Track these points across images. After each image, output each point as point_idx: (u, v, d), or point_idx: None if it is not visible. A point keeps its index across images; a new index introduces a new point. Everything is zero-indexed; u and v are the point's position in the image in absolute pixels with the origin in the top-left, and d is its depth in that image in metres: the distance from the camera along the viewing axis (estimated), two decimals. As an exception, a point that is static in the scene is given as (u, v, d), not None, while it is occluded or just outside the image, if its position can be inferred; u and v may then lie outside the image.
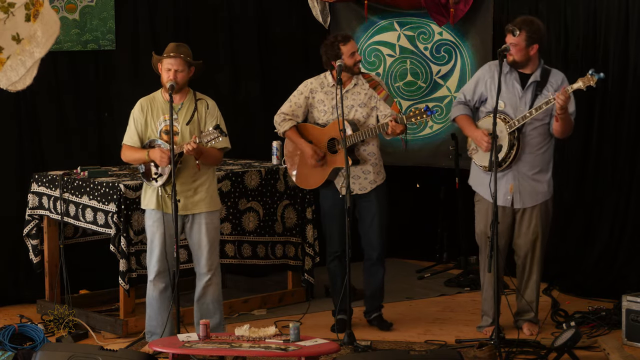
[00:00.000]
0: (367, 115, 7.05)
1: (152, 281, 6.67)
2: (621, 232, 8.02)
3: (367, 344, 6.68)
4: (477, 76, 7.03)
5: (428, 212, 9.46)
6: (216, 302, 6.72)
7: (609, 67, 7.98)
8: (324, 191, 7.18)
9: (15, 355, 6.41)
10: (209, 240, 6.62)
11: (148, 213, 6.67)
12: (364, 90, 7.08)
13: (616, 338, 6.69)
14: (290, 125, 7.13)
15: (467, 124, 6.96)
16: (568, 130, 6.76)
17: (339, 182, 7.02)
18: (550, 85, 6.80)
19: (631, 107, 7.92)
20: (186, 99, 6.63)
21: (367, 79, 7.13)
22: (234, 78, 9.16)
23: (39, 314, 7.63)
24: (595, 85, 6.48)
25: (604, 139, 8.09)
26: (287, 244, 7.98)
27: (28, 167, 8.08)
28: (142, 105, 6.66)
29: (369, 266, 7.19)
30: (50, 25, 6.27)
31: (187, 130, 6.55)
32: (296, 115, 7.16)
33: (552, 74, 6.86)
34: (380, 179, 7.15)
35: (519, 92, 6.80)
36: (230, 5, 9.15)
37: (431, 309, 7.84)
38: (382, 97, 7.04)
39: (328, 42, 7.09)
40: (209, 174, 6.66)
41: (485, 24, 8.54)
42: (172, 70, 6.50)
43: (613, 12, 7.99)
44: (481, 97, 6.94)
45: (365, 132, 6.90)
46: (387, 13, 9.05)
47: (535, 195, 6.90)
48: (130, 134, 6.66)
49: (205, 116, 6.59)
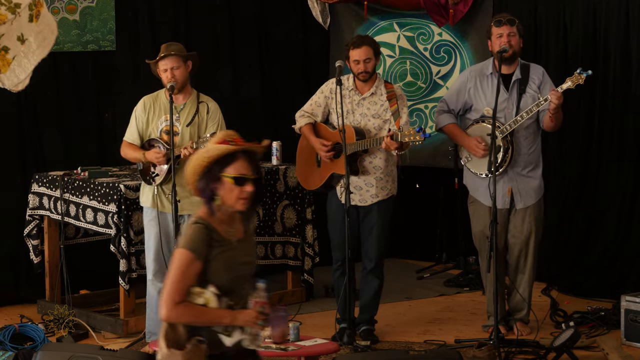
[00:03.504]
0: (379, 127, 6.81)
1: (152, 280, 6.70)
2: (620, 232, 8.03)
3: (367, 344, 6.69)
4: (458, 84, 7.01)
5: (427, 212, 9.47)
6: None
7: (609, 66, 7.99)
8: (329, 197, 7.03)
9: (15, 355, 6.42)
10: None
11: (145, 210, 6.73)
12: (381, 101, 6.86)
13: (615, 338, 6.70)
14: (306, 122, 6.94)
15: (457, 132, 6.93)
16: (559, 124, 6.79)
17: (340, 190, 6.86)
18: (532, 82, 6.79)
19: (633, 107, 7.93)
20: (189, 99, 6.66)
21: (388, 89, 6.89)
22: (234, 78, 9.17)
23: (40, 314, 7.64)
24: (583, 83, 6.51)
25: (604, 139, 8.10)
26: (286, 244, 8.00)
27: (28, 167, 8.09)
28: (144, 104, 6.69)
29: (365, 275, 7.00)
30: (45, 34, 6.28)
31: (187, 132, 6.58)
32: (315, 114, 6.96)
33: (532, 68, 6.85)
34: (385, 194, 6.90)
35: (504, 95, 6.78)
36: (230, 5, 9.16)
37: (430, 309, 7.85)
38: (392, 111, 6.81)
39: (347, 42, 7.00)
40: None
41: (485, 24, 8.49)
42: (168, 70, 6.52)
43: (613, 11, 7.99)
44: (465, 105, 6.92)
45: (362, 144, 6.70)
46: (387, 14, 9.06)
47: (533, 192, 6.91)
48: (131, 131, 6.70)
49: (206, 119, 6.62)
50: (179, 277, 4.01)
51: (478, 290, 8.20)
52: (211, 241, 4.04)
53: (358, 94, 6.87)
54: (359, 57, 6.78)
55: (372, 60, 6.80)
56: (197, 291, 4.03)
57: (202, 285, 4.04)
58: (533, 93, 6.74)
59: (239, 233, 4.17)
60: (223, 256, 4.07)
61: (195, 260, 4.01)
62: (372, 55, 6.81)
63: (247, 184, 4.06)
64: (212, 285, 4.04)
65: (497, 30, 6.76)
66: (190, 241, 4.04)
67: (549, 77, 6.84)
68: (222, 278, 4.06)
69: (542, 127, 6.85)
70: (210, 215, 4.09)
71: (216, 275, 4.06)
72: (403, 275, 8.98)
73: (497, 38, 6.77)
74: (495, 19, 6.85)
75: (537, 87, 6.75)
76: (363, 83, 6.86)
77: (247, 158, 4.09)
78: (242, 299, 4.10)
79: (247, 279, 4.16)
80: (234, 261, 4.10)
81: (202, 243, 4.03)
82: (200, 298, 4.03)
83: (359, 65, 6.80)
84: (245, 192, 4.06)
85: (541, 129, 6.88)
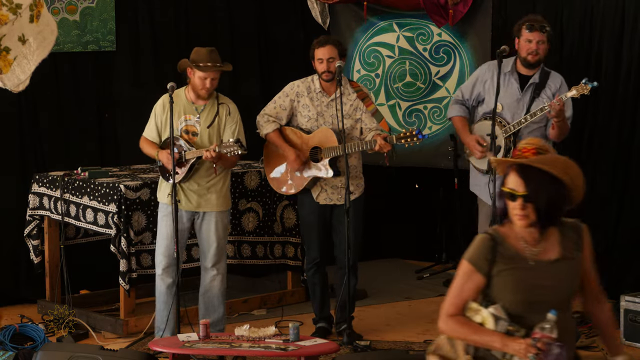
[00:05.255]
0: (351, 127, 6.80)
1: (160, 275, 6.74)
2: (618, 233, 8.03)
3: (367, 343, 6.70)
4: (475, 75, 7.00)
5: (427, 212, 9.47)
6: (221, 297, 6.81)
7: (601, 69, 7.98)
8: (301, 198, 6.98)
9: (15, 355, 6.43)
10: (217, 237, 6.70)
11: (161, 206, 6.78)
12: (350, 100, 6.83)
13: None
14: (274, 128, 6.88)
15: (461, 127, 6.92)
16: (565, 134, 6.75)
17: (316, 191, 6.85)
18: (549, 88, 6.76)
19: (622, 110, 7.94)
20: (209, 100, 6.70)
21: (355, 88, 6.87)
22: (234, 79, 9.16)
23: (40, 314, 7.65)
24: (588, 93, 6.50)
25: (595, 143, 8.08)
26: (286, 244, 8.01)
27: (29, 167, 8.10)
28: (164, 102, 6.72)
29: (342, 275, 6.84)
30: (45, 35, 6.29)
31: (207, 133, 6.64)
32: (280, 117, 6.91)
33: (551, 76, 6.80)
34: (359, 191, 6.90)
35: (517, 95, 6.77)
36: (230, 5, 9.17)
37: (430, 309, 7.84)
38: (371, 111, 6.79)
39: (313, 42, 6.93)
40: (223, 174, 6.73)
41: (484, 25, 8.55)
42: (208, 80, 6.59)
43: (609, 14, 7.99)
44: (478, 96, 6.91)
45: (353, 146, 6.64)
46: (386, 14, 9.07)
47: None
48: (150, 128, 6.78)
49: (225, 121, 6.68)
50: (456, 289, 3.79)
51: (477, 290, 8.20)
52: (495, 255, 3.76)
53: (326, 96, 6.84)
54: (322, 56, 6.74)
55: (335, 59, 6.74)
56: (474, 308, 3.77)
57: (488, 303, 3.75)
58: (546, 99, 6.69)
59: (549, 254, 3.80)
60: (511, 274, 3.74)
61: (474, 272, 3.77)
62: (337, 55, 6.75)
63: (517, 200, 3.73)
64: (496, 304, 3.72)
65: (528, 35, 6.67)
66: (470, 252, 3.81)
67: (567, 87, 6.77)
68: (507, 299, 3.74)
69: (548, 137, 6.79)
70: (510, 227, 3.78)
71: (500, 294, 3.75)
72: (403, 275, 8.99)
73: (525, 42, 6.68)
74: (529, 21, 6.71)
75: (552, 94, 6.68)
76: (329, 84, 6.80)
77: (520, 173, 3.75)
78: (527, 327, 3.71)
79: (544, 307, 3.70)
80: (527, 283, 3.73)
81: (481, 255, 3.77)
82: (478, 316, 3.75)
83: (322, 65, 6.75)
84: (516, 208, 3.73)
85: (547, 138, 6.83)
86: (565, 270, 3.82)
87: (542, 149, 3.83)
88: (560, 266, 3.79)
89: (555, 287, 3.75)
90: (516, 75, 6.78)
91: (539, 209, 3.73)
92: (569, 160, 3.86)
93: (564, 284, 3.79)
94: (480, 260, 3.75)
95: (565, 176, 3.80)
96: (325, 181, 6.83)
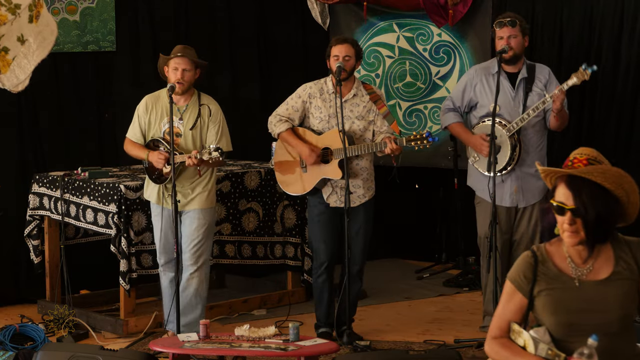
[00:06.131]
0: (364, 128, 6.78)
1: (161, 269, 6.83)
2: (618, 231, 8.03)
3: (366, 343, 6.70)
4: (464, 81, 7.03)
5: (427, 212, 9.48)
6: (198, 297, 6.77)
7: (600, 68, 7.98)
8: (310, 199, 6.94)
9: (16, 355, 6.43)
10: (197, 236, 6.69)
11: (151, 205, 6.84)
12: (364, 102, 6.82)
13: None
14: (287, 127, 6.84)
15: (462, 131, 6.96)
16: (565, 123, 6.81)
17: (327, 192, 6.81)
18: (539, 80, 6.82)
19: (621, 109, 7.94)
20: (191, 100, 6.71)
21: (368, 90, 6.85)
22: (234, 79, 9.18)
23: (40, 314, 7.65)
24: (589, 78, 6.53)
25: (594, 140, 8.08)
26: (286, 244, 8.01)
27: (29, 167, 8.10)
28: (146, 104, 6.74)
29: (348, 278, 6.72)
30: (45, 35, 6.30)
31: (190, 135, 6.65)
32: (292, 118, 6.88)
33: (538, 68, 6.87)
34: (370, 194, 6.88)
35: (511, 93, 6.81)
36: (230, 6, 9.17)
37: (430, 309, 7.86)
38: (383, 113, 6.77)
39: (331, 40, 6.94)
40: (207, 173, 6.74)
41: (484, 25, 8.55)
42: (179, 70, 6.58)
43: (608, 14, 8.00)
44: (470, 102, 6.94)
45: (361, 148, 6.64)
46: (386, 14, 9.07)
47: (537, 191, 6.91)
48: (134, 130, 6.79)
49: (207, 122, 6.67)
50: (500, 310, 3.58)
51: (477, 291, 8.20)
52: (536, 274, 3.54)
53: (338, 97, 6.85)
54: (339, 53, 6.69)
55: (351, 59, 6.72)
56: (517, 330, 3.55)
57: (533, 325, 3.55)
58: (539, 91, 6.76)
59: (598, 273, 3.55)
60: (550, 295, 3.53)
61: (515, 292, 3.56)
62: (353, 55, 6.73)
63: (566, 214, 3.47)
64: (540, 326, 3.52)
65: (499, 32, 6.81)
66: (512, 270, 3.58)
67: (554, 77, 6.86)
68: (548, 321, 3.53)
69: (548, 127, 6.87)
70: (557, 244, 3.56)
71: (541, 316, 3.54)
72: (402, 275, 8.99)
73: (498, 40, 6.81)
74: (498, 19, 6.87)
75: (544, 86, 6.78)
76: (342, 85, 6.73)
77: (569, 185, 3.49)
78: (569, 352, 3.47)
79: (588, 330, 3.42)
80: (568, 304, 3.51)
81: (521, 274, 3.55)
82: (520, 338, 3.53)
83: (337, 61, 6.70)
84: (565, 222, 3.48)
85: (547, 128, 6.89)
86: (615, 291, 3.54)
87: (596, 159, 3.59)
88: (609, 287, 3.53)
89: (602, 309, 3.51)
90: (505, 75, 6.82)
91: (587, 224, 3.47)
92: (623, 173, 3.56)
93: (612, 306, 3.52)
94: (520, 279, 3.56)
95: (619, 190, 3.50)
96: (336, 182, 6.81)
